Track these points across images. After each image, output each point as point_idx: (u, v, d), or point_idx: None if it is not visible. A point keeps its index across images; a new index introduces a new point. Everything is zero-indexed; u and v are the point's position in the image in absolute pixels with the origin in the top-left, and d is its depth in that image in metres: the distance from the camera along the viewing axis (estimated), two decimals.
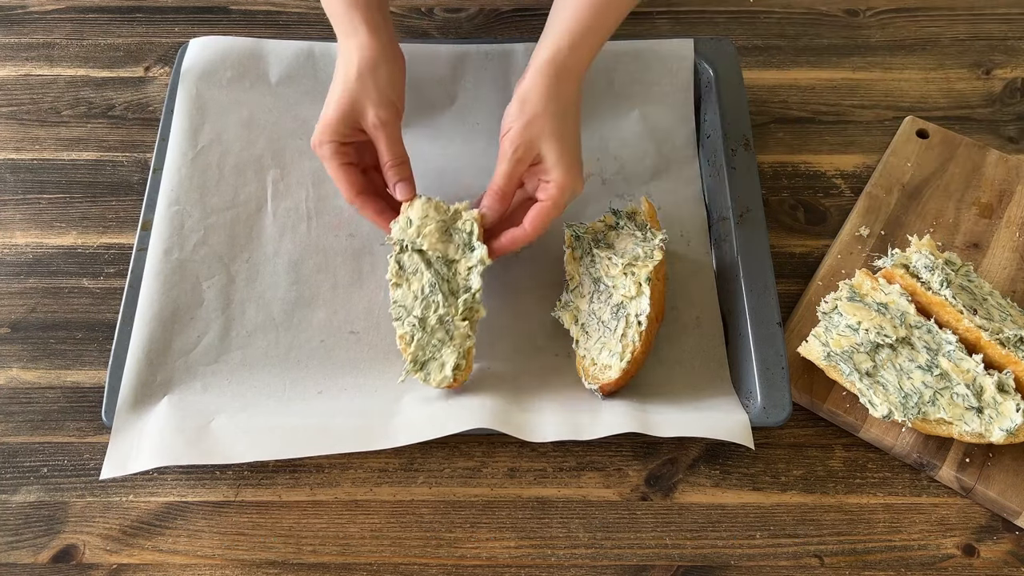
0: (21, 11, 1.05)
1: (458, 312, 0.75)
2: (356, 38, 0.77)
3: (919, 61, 1.01)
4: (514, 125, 0.75)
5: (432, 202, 0.78)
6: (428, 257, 0.77)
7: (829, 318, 0.76)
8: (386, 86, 0.76)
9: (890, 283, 0.77)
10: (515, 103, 0.75)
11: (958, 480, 0.74)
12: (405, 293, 0.76)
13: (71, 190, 0.92)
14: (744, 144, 0.86)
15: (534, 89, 0.74)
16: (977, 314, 0.74)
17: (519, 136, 0.74)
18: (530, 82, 0.75)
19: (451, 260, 0.77)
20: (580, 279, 0.80)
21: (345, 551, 0.73)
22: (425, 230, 0.77)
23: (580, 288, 0.80)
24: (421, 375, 0.75)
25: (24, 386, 0.81)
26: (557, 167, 0.75)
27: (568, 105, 0.75)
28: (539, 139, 0.74)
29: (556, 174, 0.75)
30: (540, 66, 0.75)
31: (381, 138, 0.77)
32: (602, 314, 0.77)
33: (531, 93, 0.74)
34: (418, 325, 0.75)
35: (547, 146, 0.74)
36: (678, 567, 0.72)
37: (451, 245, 0.77)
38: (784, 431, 0.78)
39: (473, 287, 0.76)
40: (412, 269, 0.77)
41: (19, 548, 0.73)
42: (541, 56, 0.76)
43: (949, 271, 0.77)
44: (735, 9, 1.06)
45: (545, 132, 0.74)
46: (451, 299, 0.76)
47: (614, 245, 0.80)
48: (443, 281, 0.76)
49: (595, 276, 0.79)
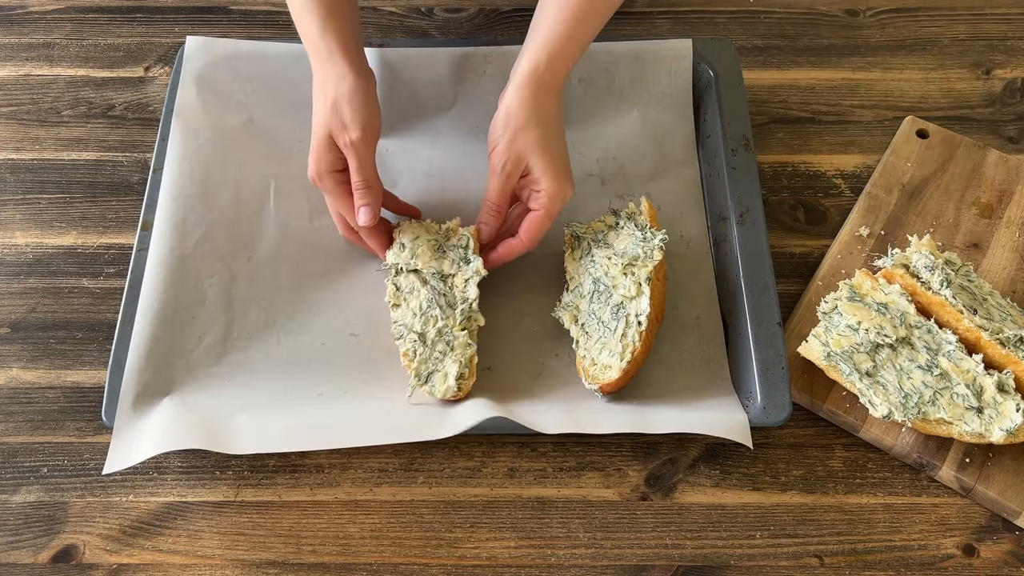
0: (21, 11, 1.05)
1: (456, 323, 0.76)
2: (332, 66, 0.78)
3: (919, 61, 1.01)
4: (500, 141, 0.77)
5: (423, 224, 0.82)
6: (423, 275, 0.79)
7: (829, 318, 0.76)
8: (361, 108, 0.77)
9: (890, 283, 0.77)
10: (499, 118, 0.78)
11: (958, 480, 0.74)
12: (404, 312, 0.78)
13: (71, 190, 0.92)
14: (744, 144, 0.86)
15: (516, 103, 0.76)
16: (977, 314, 0.74)
17: (506, 151, 0.77)
18: (511, 96, 0.77)
19: (447, 275, 0.79)
20: (580, 279, 0.81)
21: (345, 551, 0.73)
22: (418, 251, 0.80)
23: (580, 288, 0.80)
24: (427, 388, 0.75)
25: (24, 386, 0.81)
26: (545, 177, 0.77)
27: (550, 117, 0.77)
28: (525, 152, 0.77)
29: (545, 183, 0.77)
30: (521, 81, 0.77)
31: (352, 159, 0.78)
32: (602, 314, 0.77)
33: (513, 107, 0.77)
34: (418, 340, 0.76)
35: (534, 158, 0.77)
36: (678, 567, 0.72)
37: (446, 261, 0.80)
38: (784, 431, 0.78)
39: (470, 297, 0.77)
40: (408, 288, 0.79)
41: (19, 548, 0.73)
42: (522, 69, 0.77)
43: (949, 271, 0.77)
44: (735, 9, 1.06)
45: (530, 145, 0.76)
46: (449, 311, 0.77)
47: (614, 245, 0.80)
48: (439, 295, 0.78)
49: (595, 276, 0.79)
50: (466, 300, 0.77)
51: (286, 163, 0.89)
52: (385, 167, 0.90)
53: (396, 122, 0.92)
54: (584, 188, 0.89)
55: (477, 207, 0.88)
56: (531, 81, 0.76)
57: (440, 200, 0.88)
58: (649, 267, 0.77)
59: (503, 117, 0.77)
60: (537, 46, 0.77)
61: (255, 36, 1.01)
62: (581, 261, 0.81)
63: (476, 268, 0.78)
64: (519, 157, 0.77)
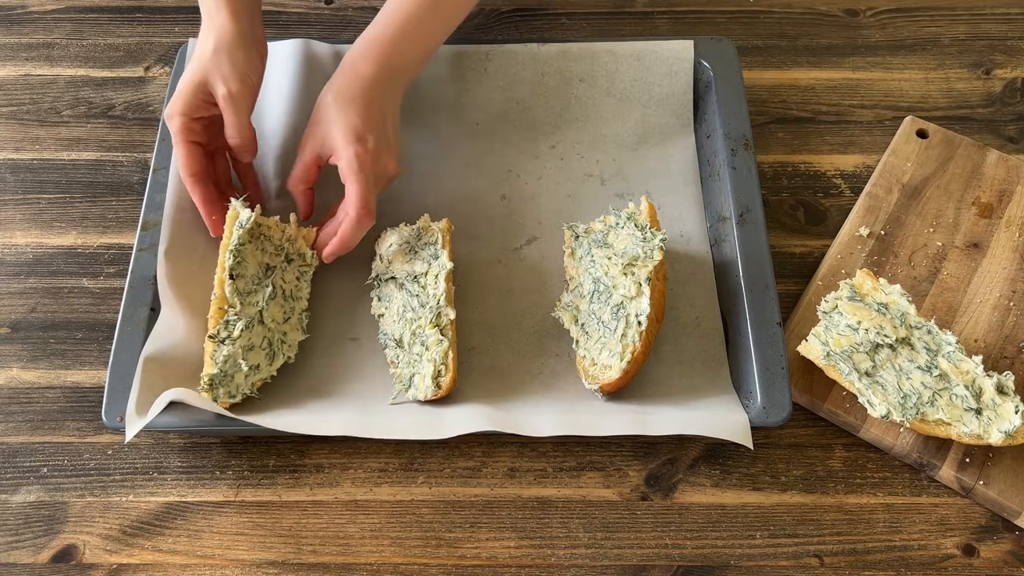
0: (21, 11, 1.05)
1: (428, 322, 0.76)
2: (218, 18, 0.78)
3: (919, 61, 1.01)
4: None
5: (395, 230, 0.82)
6: (400, 281, 0.79)
7: (829, 317, 0.76)
8: (243, 63, 0.78)
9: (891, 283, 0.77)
10: None
11: (958, 480, 0.74)
12: (386, 320, 0.79)
13: (71, 190, 0.92)
14: (744, 144, 0.86)
15: None
16: None
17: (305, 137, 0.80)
18: None
19: (419, 275, 0.79)
20: (580, 279, 0.80)
21: (345, 551, 0.73)
22: (391, 257, 0.80)
23: (580, 288, 0.80)
24: (411, 392, 0.75)
25: (24, 386, 0.81)
26: (338, 143, 0.77)
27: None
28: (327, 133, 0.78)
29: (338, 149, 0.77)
30: None
31: (229, 111, 0.78)
32: (602, 314, 0.77)
33: None
34: (397, 346, 0.77)
35: (331, 133, 0.78)
36: (678, 567, 0.72)
37: (417, 261, 0.80)
38: (784, 431, 0.78)
39: (439, 292, 0.77)
40: (388, 297, 0.80)
41: (19, 548, 0.73)
42: None
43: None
44: (735, 9, 1.06)
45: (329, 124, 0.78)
46: (422, 311, 0.77)
47: (614, 245, 0.80)
48: (413, 297, 0.78)
49: (595, 276, 0.79)
50: (436, 297, 0.77)
51: (287, 164, 0.89)
52: None
53: None
54: (584, 188, 0.90)
55: (476, 204, 0.89)
56: (347, 68, 0.79)
57: (439, 198, 0.89)
58: (649, 267, 0.77)
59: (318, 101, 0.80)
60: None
61: None
62: (581, 261, 0.81)
63: (443, 263, 0.78)
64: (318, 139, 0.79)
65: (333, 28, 1.03)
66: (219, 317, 0.75)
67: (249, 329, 0.75)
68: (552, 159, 0.92)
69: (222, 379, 0.73)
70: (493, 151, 0.92)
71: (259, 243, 0.79)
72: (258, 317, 0.76)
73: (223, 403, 0.73)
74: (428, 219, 0.82)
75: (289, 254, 0.80)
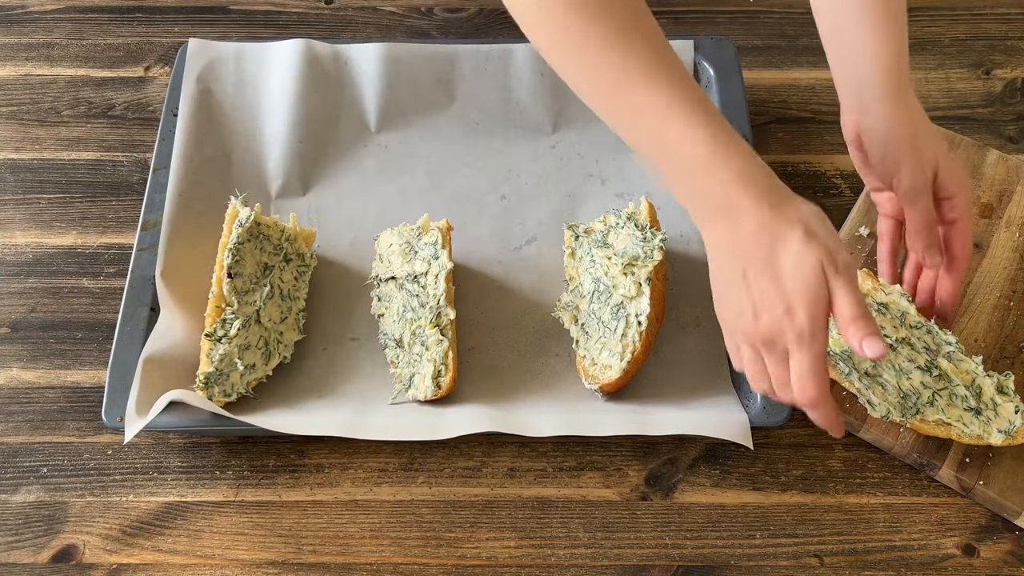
0: (21, 11, 1.05)
1: (428, 322, 0.76)
2: (755, 167, 0.64)
3: (919, 61, 1.01)
4: (904, 161, 0.71)
5: (395, 230, 0.82)
6: (399, 281, 0.79)
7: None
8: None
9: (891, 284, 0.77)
10: (891, 139, 0.71)
11: (958, 480, 0.74)
12: (386, 320, 0.79)
13: (71, 190, 0.92)
14: None
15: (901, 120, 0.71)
16: None
17: (920, 168, 0.71)
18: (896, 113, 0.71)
19: (418, 275, 0.79)
20: (580, 279, 0.80)
21: (345, 551, 0.73)
22: (391, 258, 0.80)
23: (580, 288, 0.80)
24: (411, 392, 0.75)
25: (24, 386, 0.81)
26: (956, 181, 0.72)
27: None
28: (933, 163, 0.72)
29: (956, 188, 0.72)
30: (893, 95, 0.71)
31: (848, 289, 0.62)
32: (602, 314, 0.77)
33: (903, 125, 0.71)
34: (397, 346, 0.77)
35: (943, 166, 0.72)
36: (678, 567, 0.72)
37: (416, 260, 0.79)
38: (784, 431, 0.78)
39: (439, 293, 0.77)
40: (388, 297, 0.80)
41: (19, 548, 0.73)
42: (884, 86, 0.71)
43: None
44: (735, 9, 1.06)
45: (938, 156, 0.72)
46: (422, 311, 0.77)
47: (614, 245, 0.80)
48: (412, 297, 0.78)
49: (595, 276, 0.79)
50: (435, 296, 0.77)
51: (288, 165, 0.89)
52: (385, 164, 0.90)
53: (396, 119, 0.92)
54: (584, 188, 0.90)
55: (476, 204, 0.88)
56: (900, 92, 0.71)
57: (440, 197, 0.89)
58: (649, 267, 0.77)
59: (897, 138, 0.70)
60: (883, 58, 0.71)
61: (255, 36, 1.01)
62: (581, 261, 0.81)
63: (443, 263, 0.78)
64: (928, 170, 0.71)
65: (333, 28, 1.03)
66: (216, 315, 0.75)
67: (246, 328, 0.75)
68: (552, 159, 0.91)
69: (218, 378, 0.74)
70: (493, 151, 0.92)
71: (258, 242, 0.79)
72: (255, 316, 0.76)
73: (218, 401, 0.74)
74: (428, 219, 0.82)
75: (288, 254, 0.80)
